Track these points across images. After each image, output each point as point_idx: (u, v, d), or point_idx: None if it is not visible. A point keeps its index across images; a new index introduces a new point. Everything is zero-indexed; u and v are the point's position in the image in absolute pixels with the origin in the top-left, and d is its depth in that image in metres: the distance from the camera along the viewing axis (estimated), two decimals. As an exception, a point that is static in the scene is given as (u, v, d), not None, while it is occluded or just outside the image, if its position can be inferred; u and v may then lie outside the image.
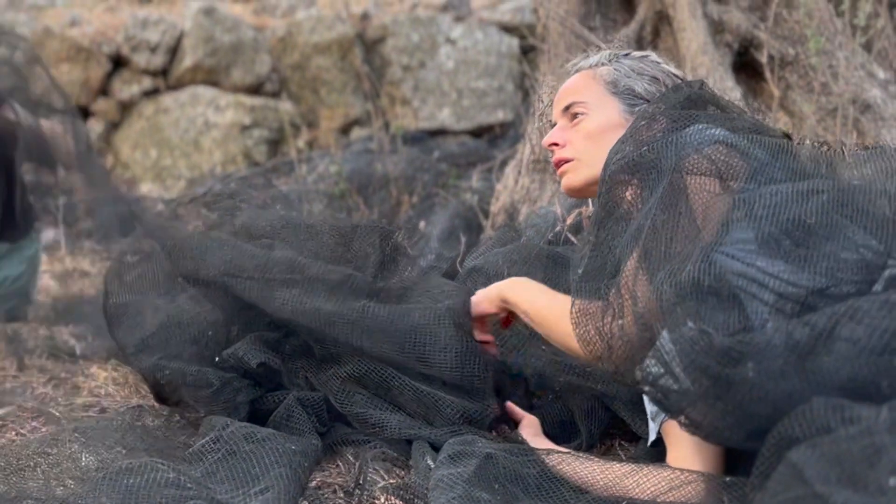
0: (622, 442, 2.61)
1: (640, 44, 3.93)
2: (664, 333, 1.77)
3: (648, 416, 2.24)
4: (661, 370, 1.77)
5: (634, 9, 4.02)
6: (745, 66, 3.84)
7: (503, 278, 2.84)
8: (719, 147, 1.96)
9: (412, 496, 2.19)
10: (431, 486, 2.08)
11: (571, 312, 2.07)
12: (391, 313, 2.52)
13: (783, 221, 1.80)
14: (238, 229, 2.84)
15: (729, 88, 3.60)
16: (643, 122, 2.18)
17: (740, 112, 2.27)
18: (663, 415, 2.04)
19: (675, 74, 2.44)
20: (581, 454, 2.24)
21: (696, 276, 1.75)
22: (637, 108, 2.30)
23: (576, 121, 2.41)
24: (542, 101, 3.93)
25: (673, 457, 2.05)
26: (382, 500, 2.19)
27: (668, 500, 1.95)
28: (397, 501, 2.20)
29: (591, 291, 2.06)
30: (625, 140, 2.16)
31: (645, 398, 2.18)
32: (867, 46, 3.73)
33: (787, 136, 2.27)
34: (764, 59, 3.59)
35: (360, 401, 2.50)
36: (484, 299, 2.51)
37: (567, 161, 2.39)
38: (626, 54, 2.50)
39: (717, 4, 3.84)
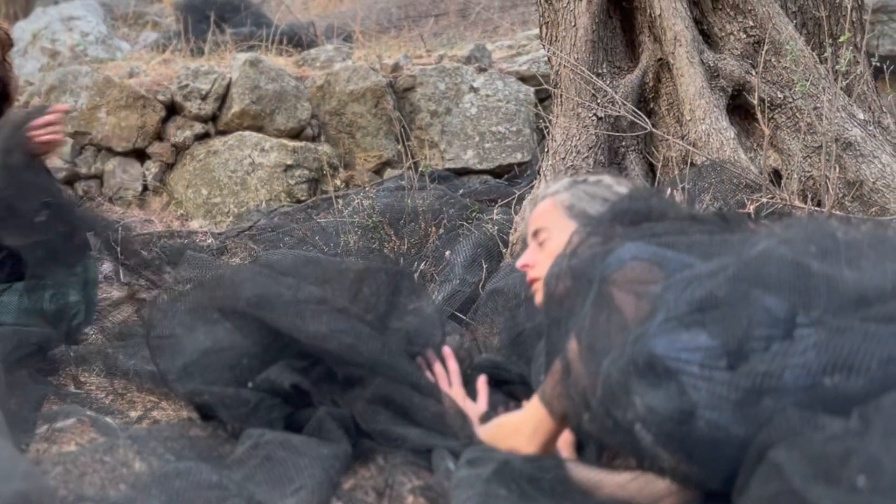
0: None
1: (643, 89, 3.98)
2: (626, 413, 1.86)
3: None
4: (638, 442, 1.87)
5: (638, 57, 4.06)
6: (738, 108, 3.87)
7: (520, 300, 2.94)
8: (636, 263, 2.08)
9: (436, 496, 2.23)
10: (453, 485, 2.12)
11: (553, 418, 2.22)
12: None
13: (696, 300, 1.90)
14: (264, 266, 2.86)
15: (723, 128, 3.64)
16: (573, 243, 2.30)
17: (669, 214, 2.39)
18: None
19: (623, 194, 2.57)
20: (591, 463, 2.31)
21: (632, 358, 1.85)
22: None
23: (542, 244, 2.55)
24: (556, 141, 4.01)
25: None
26: (410, 501, 2.24)
27: (668, 503, 2.01)
28: (423, 500, 2.25)
29: (554, 396, 2.19)
30: (560, 257, 2.28)
31: None
32: (848, 90, 3.74)
33: (722, 216, 2.39)
34: (755, 101, 3.62)
35: (383, 419, 2.52)
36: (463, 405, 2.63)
37: (537, 280, 2.51)
38: (584, 180, 2.63)
39: (713, 53, 3.88)
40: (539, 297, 2.46)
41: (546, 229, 2.56)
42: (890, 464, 1.50)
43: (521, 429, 2.28)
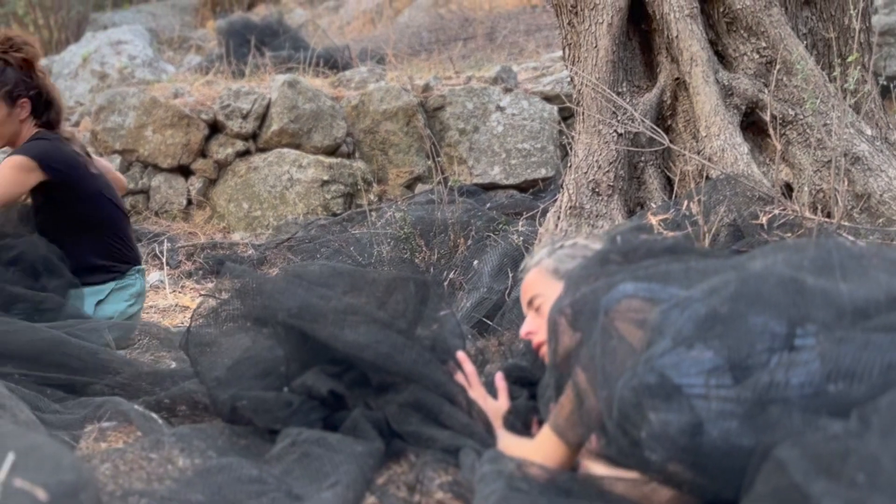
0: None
1: (660, 107, 4.00)
2: (641, 430, 1.88)
3: None
4: (653, 458, 1.89)
5: (656, 77, 4.07)
6: (752, 124, 3.87)
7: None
8: (632, 300, 2.09)
9: (464, 491, 2.25)
10: (477, 479, 2.14)
11: (567, 447, 2.21)
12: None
13: (700, 318, 1.91)
14: (295, 277, 2.83)
15: (737, 144, 3.65)
16: (572, 281, 2.32)
17: (653, 250, 2.41)
18: None
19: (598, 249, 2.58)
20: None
21: (642, 379, 1.87)
22: None
23: (538, 309, 2.57)
24: (578, 156, 4.04)
25: None
26: (440, 495, 2.26)
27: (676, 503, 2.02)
28: (450, 495, 2.27)
29: (568, 426, 2.20)
30: (562, 296, 2.29)
31: None
32: (856, 108, 3.74)
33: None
34: (768, 118, 3.62)
35: (414, 421, 2.53)
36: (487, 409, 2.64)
37: (543, 343, 2.50)
38: (560, 245, 2.66)
39: (727, 72, 3.89)
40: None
41: (539, 295, 2.58)
42: (888, 462, 1.52)
43: (532, 458, 2.26)
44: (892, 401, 1.64)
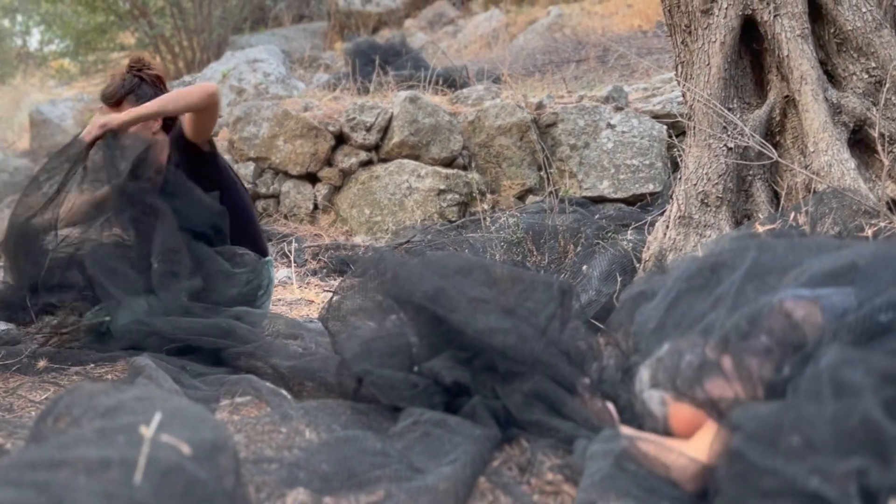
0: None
1: (770, 123, 3.94)
2: None
3: None
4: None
5: (766, 94, 4.01)
6: (859, 142, 3.79)
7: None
8: (798, 300, 2.04)
9: (573, 474, 2.24)
10: (588, 457, 2.12)
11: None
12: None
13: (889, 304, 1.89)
14: (433, 263, 2.78)
15: (845, 160, 3.58)
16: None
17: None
18: None
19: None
20: None
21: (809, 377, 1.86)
22: None
23: (704, 402, 2.39)
24: (688, 168, 4.00)
25: None
26: (550, 476, 2.24)
27: None
28: (561, 477, 2.26)
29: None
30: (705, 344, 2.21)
31: None
32: (963, 126, 3.69)
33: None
34: (876, 135, 3.56)
35: (537, 411, 2.50)
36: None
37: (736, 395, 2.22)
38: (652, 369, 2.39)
39: (836, 91, 3.82)
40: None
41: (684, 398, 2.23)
42: (821, 424, 1.57)
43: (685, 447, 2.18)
44: (814, 371, 1.69)
